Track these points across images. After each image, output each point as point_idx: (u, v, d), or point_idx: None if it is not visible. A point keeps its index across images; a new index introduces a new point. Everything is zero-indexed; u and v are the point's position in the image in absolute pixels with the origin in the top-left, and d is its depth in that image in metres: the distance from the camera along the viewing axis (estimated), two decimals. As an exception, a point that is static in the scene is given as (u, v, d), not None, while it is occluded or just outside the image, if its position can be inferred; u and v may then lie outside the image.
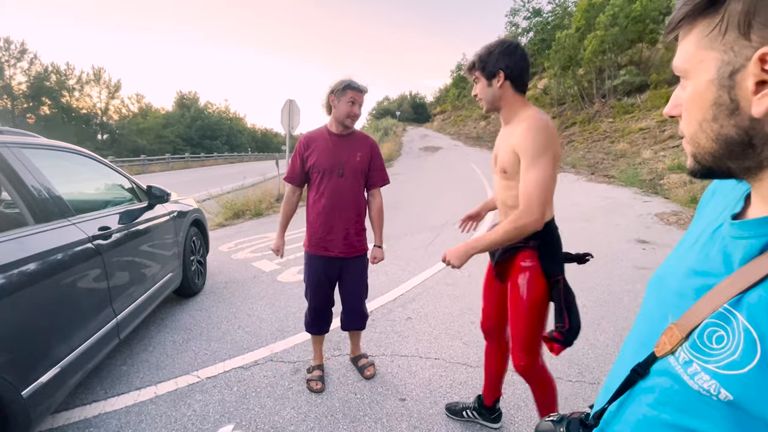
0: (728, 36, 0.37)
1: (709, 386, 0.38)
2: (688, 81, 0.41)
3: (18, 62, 34.53)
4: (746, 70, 0.36)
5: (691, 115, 0.42)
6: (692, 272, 0.47)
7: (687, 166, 0.46)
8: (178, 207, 3.35)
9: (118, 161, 19.64)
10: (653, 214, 6.51)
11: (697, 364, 0.40)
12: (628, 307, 3.17)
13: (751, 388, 0.35)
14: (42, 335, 1.63)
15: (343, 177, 2.00)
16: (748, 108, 0.37)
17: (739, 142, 0.39)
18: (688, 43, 0.41)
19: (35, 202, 1.79)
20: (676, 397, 0.42)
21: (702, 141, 0.42)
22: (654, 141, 12.82)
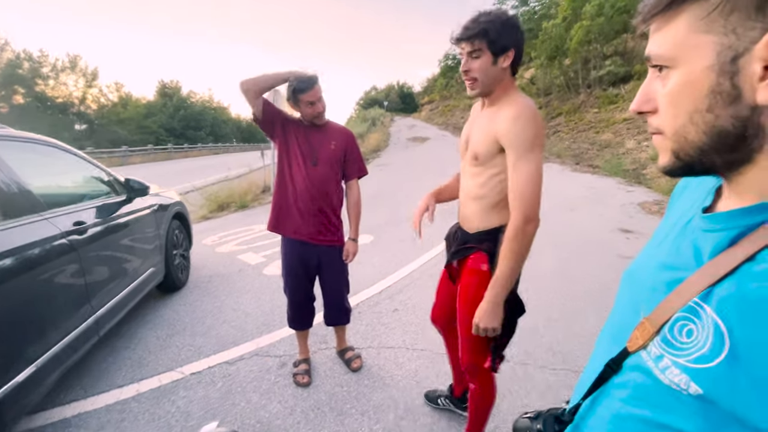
0: (732, 17, 0.34)
1: (680, 381, 0.38)
2: (676, 70, 0.38)
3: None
4: (751, 53, 0.34)
5: (679, 107, 0.39)
6: (663, 266, 0.46)
7: (662, 164, 0.43)
8: (159, 200, 3.27)
9: (98, 152, 19.07)
10: (636, 204, 6.63)
11: (668, 359, 0.40)
12: (613, 296, 3.22)
13: (720, 381, 0.35)
14: (15, 334, 1.57)
15: (317, 165, 1.95)
16: (752, 96, 0.35)
17: (733, 134, 0.37)
18: (674, 28, 0.38)
19: (3, 196, 1.71)
20: (648, 392, 0.42)
21: (691, 135, 0.39)
22: (637, 131, 13.02)
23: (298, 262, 2.05)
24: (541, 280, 3.56)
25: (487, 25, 1.13)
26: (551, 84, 23.01)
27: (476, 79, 1.20)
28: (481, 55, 1.17)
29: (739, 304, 0.35)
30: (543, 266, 3.92)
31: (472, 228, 1.39)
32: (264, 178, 8.91)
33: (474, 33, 1.15)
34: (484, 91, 1.24)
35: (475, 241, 1.37)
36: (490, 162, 1.25)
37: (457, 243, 1.45)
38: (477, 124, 1.32)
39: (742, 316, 0.34)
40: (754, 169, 0.38)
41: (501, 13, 1.16)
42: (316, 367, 2.31)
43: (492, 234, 1.34)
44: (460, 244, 1.42)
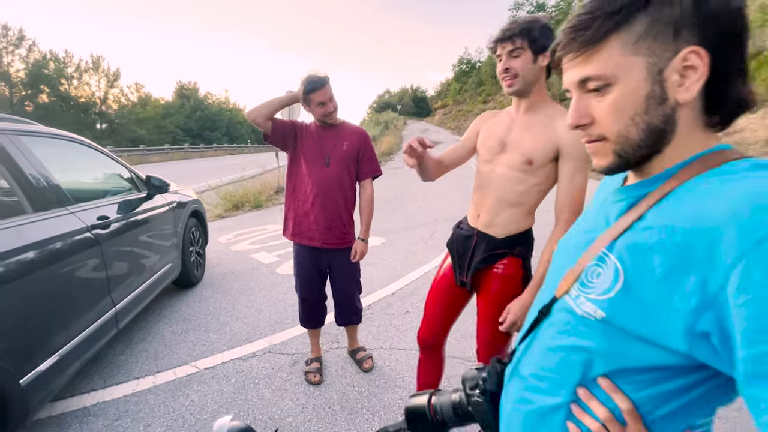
0: (654, 43, 0.46)
1: (590, 309, 0.50)
2: (617, 85, 0.48)
3: (16, 49, 34.21)
4: (671, 67, 0.46)
5: (622, 113, 0.49)
6: (584, 231, 0.60)
7: (604, 164, 0.53)
8: (178, 197, 3.34)
9: (117, 151, 19.56)
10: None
11: (583, 297, 0.51)
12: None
13: (616, 306, 0.47)
14: (40, 324, 1.62)
15: (330, 166, 1.96)
16: (674, 96, 0.47)
17: (661, 129, 0.49)
18: (607, 54, 0.48)
19: (33, 190, 1.77)
20: (569, 325, 0.54)
21: (632, 134, 0.49)
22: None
23: (310, 263, 2.08)
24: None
25: (527, 24, 1.18)
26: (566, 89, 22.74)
27: (517, 75, 1.22)
28: (522, 53, 1.20)
29: (629, 250, 0.48)
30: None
31: (500, 233, 1.35)
32: (278, 179, 9.01)
33: (516, 32, 1.18)
34: (522, 89, 1.24)
35: (506, 246, 1.34)
36: (541, 169, 1.25)
37: (483, 250, 1.37)
38: (522, 128, 1.29)
39: (631, 258, 0.47)
40: (659, 157, 0.51)
41: (539, 18, 1.21)
42: (328, 366, 2.33)
43: (521, 238, 1.34)
44: (488, 250, 1.36)
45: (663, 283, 0.42)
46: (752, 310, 0.35)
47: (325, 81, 1.87)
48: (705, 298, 0.39)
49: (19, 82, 34.28)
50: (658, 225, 0.46)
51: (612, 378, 0.49)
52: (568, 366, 0.53)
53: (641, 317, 0.44)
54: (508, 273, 1.34)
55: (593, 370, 0.50)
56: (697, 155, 0.49)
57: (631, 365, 0.47)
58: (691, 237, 0.41)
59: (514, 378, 0.64)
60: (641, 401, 0.48)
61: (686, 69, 0.45)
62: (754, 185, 0.41)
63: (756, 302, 0.35)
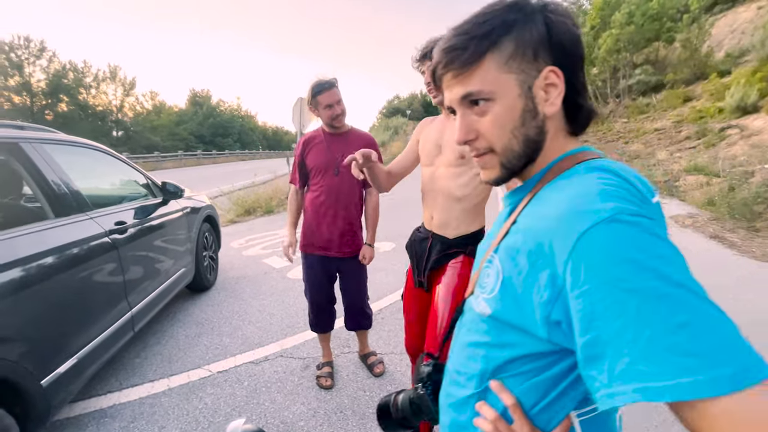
0: (521, 62, 0.52)
1: (482, 308, 0.55)
2: (497, 101, 0.53)
3: (37, 60, 35.31)
4: (537, 84, 0.52)
5: (504, 127, 0.54)
6: (488, 236, 0.65)
7: (492, 177, 0.57)
8: (192, 203, 3.40)
9: (133, 157, 19.99)
10: (668, 217, 6.37)
11: (480, 297, 0.56)
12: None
13: (498, 303, 0.52)
14: (61, 326, 1.67)
15: (339, 175, 1.98)
16: (542, 111, 0.53)
17: (535, 140, 0.54)
18: (485, 70, 0.52)
19: (55, 196, 1.83)
20: (473, 323, 0.59)
21: (514, 146, 0.54)
22: (670, 141, 12.58)
23: (319, 268, 2.11)
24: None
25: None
26: (578, 93, 22.52)
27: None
28: None
29: (506, 252, 0.53)
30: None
31: (452, 233, 1.42)
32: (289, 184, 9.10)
33: (431, 50, 1.30)
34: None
35: (459, 246, 1.39)
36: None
37: (437, 250, 1.44)
38: (452, 129, 1.36)
39: (507, 258, 0.52)
40: (533, 164, 0.57)
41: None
42: (339, 371, 2.34)
43: (473, 237, 1.39)
44: (442, 250, 1.43)
45: (527, 279, 0.47)
46: (583, 302, 0.39)
47: (332, 83, 1.88)
48: (554, 291, 0.43)
49: (39, 92, 35.34)
50: (522, 227, 0.52)
51: (501, 370, 0.54)
52: (473, 360, 0.58)
53: (516, 311, 0.49)
54: (460, 271, 1.37)
55: (491, 363, 0.55)
56: (555, 159, 0.55)
57: (516, 354, 0.52)
58: (541, 237, 0.46)
59: (445, 373, 0.69)
60: (523, 394, 0.52)
61: (548, 86, 0.52)
62: (578, 188, 0.46)
63: (585, 295, 0.39)
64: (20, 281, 1.47)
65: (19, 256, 1.50)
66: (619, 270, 0.37)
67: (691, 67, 16.11)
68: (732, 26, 16.89)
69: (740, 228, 5.56)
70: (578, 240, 0.40)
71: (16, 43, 34.21)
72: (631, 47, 18.83)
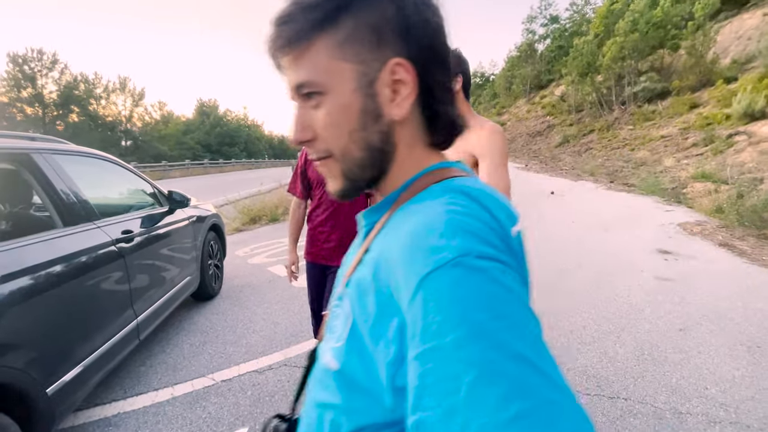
0: (360, 49, 0.40)
1: (329, 361, 0.41)
2: (329, 95, 0.41)
3: (49, 72, 36.16)
4: (381, 80, 0.41)
5: (340, 128, 0.42)
6: (342, 264, 0.52)
7: (336, 188, 0.46)
8: (197, 212, 3.43)
9: (141, 166, 20.26)
10: (676, 224, 6.32)
11: (329, 344, 0.42)
12: (649, 319, 3.08)
13: (346, 355, 0.38)
14: (66, 334, 1.68)
15: None
16: (388, 113, 0.42)
17: (380, 148, 0.44)
18: (316, 54, 0.41)
19: (64, 205, 1.86)
20: (323, 376, 0.44)
21: (354, 152, 0.43)
22: (676, 149, 12.50)
23: (321, 277, 2.10)
24: (573, 301, 3.44)
25: None
26: (583, 101, 22.56)
27: None
28: None
29: (355, 288, 0.40)
30: (576, 287, 3.79)
31: None
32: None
33: None
34: None
35: None
36: None
37: None
38: None
39: (356, 297, 0.39)
40: (387, 178, 0.46)
41: None
42: (343, 380, 2.32)
43: None
44: None
45: (375, 328, 0.35)
46: (415, 370, 0.29)
47: None
48: (401, 348, 0.32)
49: (51, 103, 36.13)
50: (372, 259, 0.40)
51: None
52: (322, 425, 0.43)
53: (363, 368, 0.37)
54: None
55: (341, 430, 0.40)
56: (414, 176, 0.45)
57: (363, 424, 0.38)
58: (389, 275, 0.36)
59: None
60: None
61: (397, 83, 0.42)
62: (424, 216, 0.37)
63: (418, 361, 0.29)
64: (29, 289, 1.49)
65: (28, 264, 1.52)
66: (457, 333, 0.28)
67: (697, 74, 16.07)
68: (737, 33, 16.85)
69: (750, 236, 5.48)
70: (418, 287, 0.31)
71: (30, 55, 35.09)
72: (635, 55, 18.85)
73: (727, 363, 2.46)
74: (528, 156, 22.64)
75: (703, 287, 3.69)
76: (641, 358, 2.52)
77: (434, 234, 0.34)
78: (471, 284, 0.30)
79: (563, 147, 21.01)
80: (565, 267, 4.37)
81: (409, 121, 0.44)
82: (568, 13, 36.66)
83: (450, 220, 0.34)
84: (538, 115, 30.81)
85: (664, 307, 3.28)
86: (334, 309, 0.45)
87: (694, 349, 2.62)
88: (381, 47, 0.41)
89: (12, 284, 1.43)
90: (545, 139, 25.36)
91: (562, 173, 14.75)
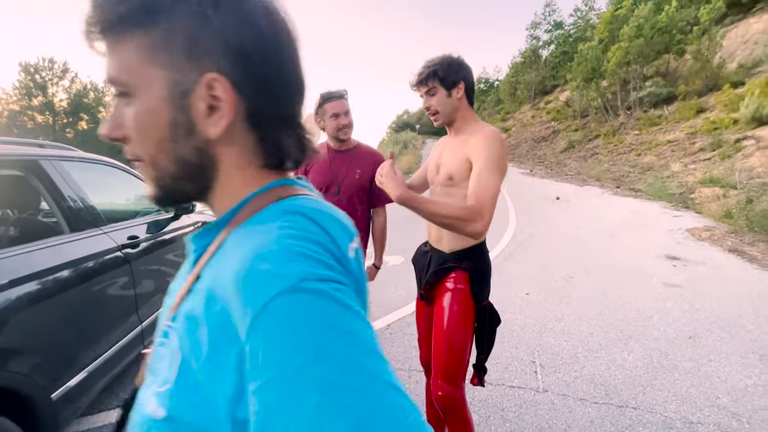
0: (174, 56, 0.37)
1: (154, 408, 0.35)
2: (136, 97, 0.38)
3: (60, 81, 36.84)
4: (197, 93, 0.37)
5: (147, 134, 0.39)
6: (169, 291, 0.45)
7: (150, 193, 0.43)
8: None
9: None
10: (684, 229, 6.25)
11: (151, 390, 0.37)
12: (657, 326, 3.03)
13: (176, 398, 0.34)
14: (71, 340, 1.69)
15: (339, 195, 1.86)
16: (203, 130, 0.38)
17: (196, 164, 0.40)
18: (125, 52, 0.37)
19: (71, 211, 1.88)
20: (143, 427, 0.37)
21: (162, 162, 0.40)
22: (683, 153, 12.40)
23: None
24: (579, 306, 3.40)
25: (435, 66, 1.34)
26: (588, 106, 22.52)
27: (437, 111, 1.38)
28: (437, 92, 1.36)
29: (184, 322, 0.36)
30: (582, 292, 3.75)
31: (447, 248, 1.43)
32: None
33: (423, 77, 1.36)
34: (446, 121, 1.40)
35: (454, 260, 1.40)
36: (463, 183, 1.32)
37: (434, 264, 1.46)
38: (449, 150, 1.43)
39: (184, 332, 0.35)
40: (214, 195, 0.43)
41: (446, 56, 1.36)
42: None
43: (470, 252, 1.40)
44: (439, 264, 1.44)
45: (210, 362, 0.33)
46: (258, 401, 0.28)
47: (341, 94, 1.82)
48: (240, 380, 0.31)
49: (61, 111, 36.76)
50: (203, 288, 0.37)
51: None
52: None
53: (197, 408, 0.33)
54: (456, 286, 1.38)
55: None
56: (250, 195, 0.42)
57: None
58: (223, 304, 0.33)
59: None
60: None
61: (215, 100, 0.38)
62: (259, 240, 0.34)
63: (261, 392, 0.28)
64: (35, 294, 1.50)
65: (35, 269, 1.53)
66: (297, 359, 0.28)
67: (703, 79, 15.98)
68: (744, 37, 16.77)
69: (760, 241, 5.40)
70: (256, 317, 0.30)
71: (41, 64, 35.79)
72: (640, 60, 18.81)
73: (739, 371, 2.42)
74: (533, 161, 22.59)
75: (712, 294, 3.64)
76: (650, 366, 2.48)
77: (271, 259, 0.32)
78: (311, 308, 0.30)
79: (568, 152, 20.94)
80: (572, 273, 4.33)
81: (235, 141, 0.41)
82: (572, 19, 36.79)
83: (285, 245, 0.33)
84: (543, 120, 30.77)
85: (672, 314, 3.23)
86: (157, 348, 0.39)
87: (704, 357, 2.58)
88: (199, 59, 0.37)
89: (18, 289, 1.44)
90: (550, 144, 25.29)
91: (568, 178, 14.69)
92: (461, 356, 1.37)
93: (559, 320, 3.16)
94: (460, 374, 1.38)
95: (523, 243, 5.78)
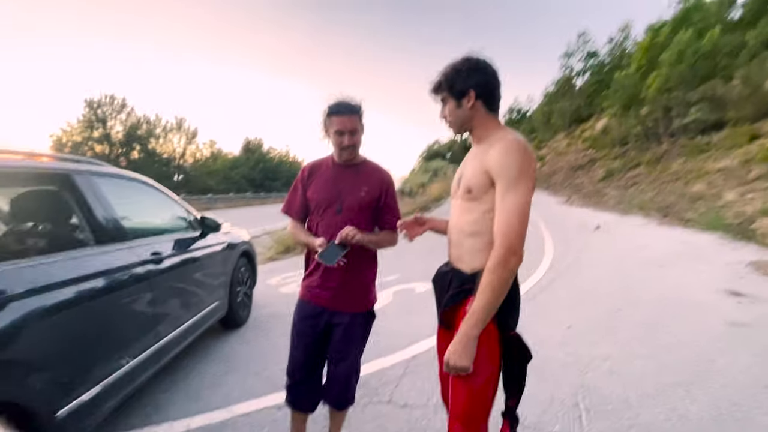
0: None
1: None
2: None
3: (118, 114, 40.35)
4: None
5: None
6: None
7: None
8: (229, 238, 3.46)
9: (189, 198, 21.61)
10: (747, 263, 5.63)
11: None
12: (723, 372, 2.63)
13: None
14: (84, 354, 1.64)
15: (341, 214, 1.64)
16: None
17: None
18: None
19: (97, 224, 1.90)
20: None
21: None
22: (738, 182, 11.50)
23: (320, 326, 1.70)
24: (626, 344, 3.05)
25: (441, 76, 1.28)
26: (627, 134, 21.73)
27: (450, 121, 1.32)
28: (448, 101, 1.30)
29: None
30: (630, 327, 3.38)
31: (467, 268, 1.27)
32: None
33: (434, 86, 1.32)
34: (459, 131, 1.33)
35: (472, 283, 1.22)
36: (483, 197, 1.21)
37: (454, 285, 1.30)
38: (470, 161, 1.32)
39: None
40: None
41: (457, 62, 1.26)
42: None
43: None
44: (459, 285, 1.28)
45: None
46: None
47: (353, 109, 1.59)
48: None
49: (117, 142, 40.01)
50: None
51: None
52: None
53: None
54: None
55: None
56: None
57: None
58: None
59: None
60: None
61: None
62: None
63: None
64: (50, 305, 1.48)
65: (53, 280, 1.52)
66: None
67: (755, 104, 15.04)
68: (799, 61, 15.77)
69: (840, 278, 4.75)
70: None
71: (103, 100, 39.51)
72: (683, 86, 18.08)
73: (835, 431, 2.01)
74: (570, 190, 21.80)
75: (788, 336, 3.16)
76: (719, 418, 2.12)
77: None
78: None
79: (607, 181, 20.07)
80: (616, 306, 3.95)
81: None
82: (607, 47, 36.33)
83: None
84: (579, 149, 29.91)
85: (742, 359, 2.81)
86: None
87: (787, 411, 2.18)
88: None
89: (34, 300, 1.42)
90: (587, 173, 24.41)
91: (608, 208, 13.95)
92: (483, 396, 1.17)
93: (605, 358, 2.83)
94: (481, 418, 1.18)
95: (562, 273, 5.40)
